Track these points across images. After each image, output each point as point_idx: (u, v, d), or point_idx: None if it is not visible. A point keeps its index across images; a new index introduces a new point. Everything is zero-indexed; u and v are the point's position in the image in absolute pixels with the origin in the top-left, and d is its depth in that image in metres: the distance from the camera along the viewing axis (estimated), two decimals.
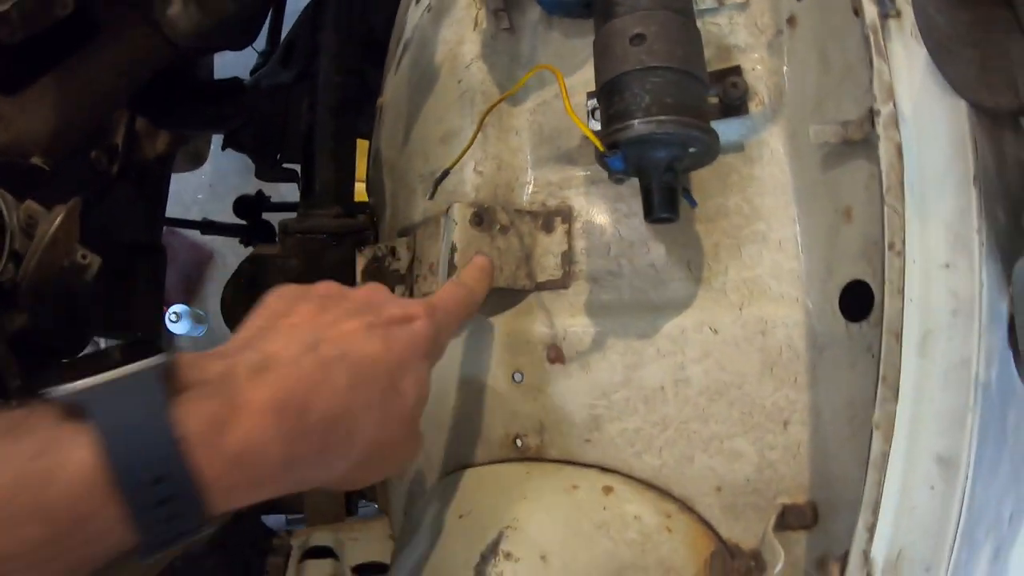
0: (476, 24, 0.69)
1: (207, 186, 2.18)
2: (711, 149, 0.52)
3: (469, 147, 0.62)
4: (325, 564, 0.64)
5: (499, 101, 0.62)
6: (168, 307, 2.11)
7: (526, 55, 0.69)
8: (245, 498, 0.35)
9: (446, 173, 0.63)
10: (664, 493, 0.55)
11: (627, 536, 0.52)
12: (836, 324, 0.51)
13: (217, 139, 0.99)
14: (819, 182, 0.53)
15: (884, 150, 0.41)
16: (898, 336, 0.43)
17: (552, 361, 0.60)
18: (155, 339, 0.83)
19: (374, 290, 0.46)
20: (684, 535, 0.53)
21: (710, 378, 0.55)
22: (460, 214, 0.61)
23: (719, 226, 0.57)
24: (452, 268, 0.60)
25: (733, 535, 0.54)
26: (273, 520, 0.75)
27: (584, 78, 0.64)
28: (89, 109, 0.66)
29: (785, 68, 0.57)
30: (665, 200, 0.52)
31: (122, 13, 0.65)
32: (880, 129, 0.42)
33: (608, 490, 0.55)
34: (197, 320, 2.18)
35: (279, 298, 0.44)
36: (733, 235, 0.57)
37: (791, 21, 0.56)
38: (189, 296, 2.20)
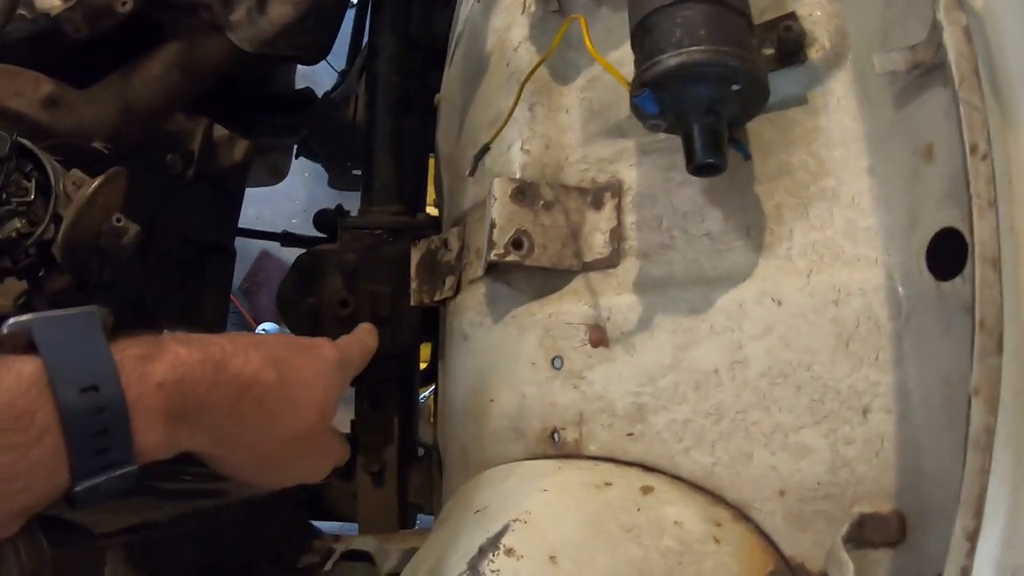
0: (524, 8, 0.67)
1: (301, 211, 2.25)
2: (759, 87, 0.47)
3: (508, 119, 0.60)
4: (359, 568, 0.60)
5: (537, 65, 0.60)
6: (259, 324, 2.21)
7: (576, 35, 0.66)
8: (166, 434, 0.38)
9: (486, 148, 0.61)
10: (716, 497, 0.47)
11: (662, 544, 0.44)
12: (924, 284, 0.42)
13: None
14: (893, 122, 0.46)
15: (950, 36, 0.34)
16: (995, 264, 0.34)
17: (594, 344, 0.54)
18: None
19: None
20: (736, 548, 0.45)
21: (772, 358, 0.47)
22: (501, 189, 0.58)
23: (782, 185, 0.51)
24: (492, 245, 0.56)
25: (798, 551, 0.45)
26: (329, 528, 0.72)
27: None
28: (151, 105, 0.70)
29: (845, 10, 0.51)
30: (708, 143, 0.46)
31: (189, 17, 0.70)
32: (942, 15, 0.34)
33: (647, 490, 0.47)
34: None
35: None
36: (798, 194, 0.50)
37: None
38: (280, 318, 2.28)
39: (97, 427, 0.35)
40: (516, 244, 0.57)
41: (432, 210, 0.87)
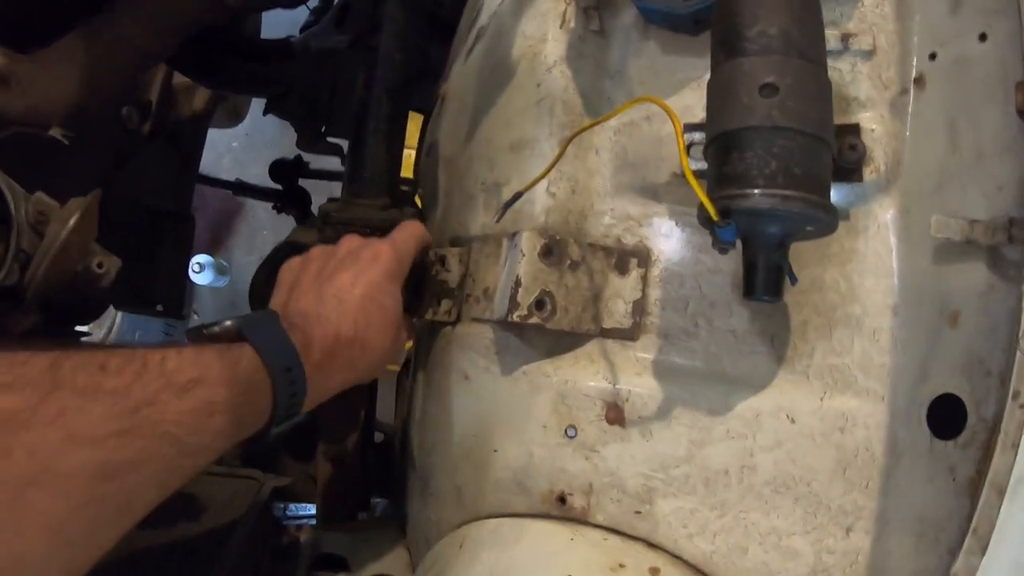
0: (563, 21, 0.63)
1: (243, 134, 2.12)
2: (830, 228, 0.48)
3: (547, 173, 0.57)
4: None
5: (589, 127, 0.57)
6: (191, 257, 2.05)
7: (615, 65, 0.63)
8: (324, 383, 0.57)
9: (518, 196, 0.58)
10: None
11: None
12: (920, 435, 0.48)
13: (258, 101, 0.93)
14: (927, 274, 0.50)
15: None
16: (1001, 492, 0.40)
17: (611, 422, 0.57)
18: (177, 314, 0.79)
19: (350, 240, 0.67)
20: None
21: (779, 469, 0.53)
22: (529, 244, 0.57)
23: (811, 301, 0.54)
24: (515, 305, 0.56)
25: None
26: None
27: (681, 104, 0.59)
28: (119, 72, 0.59)
29: (907, 134, 0.52)
30: (770, 281, 0.48)
31: None
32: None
33: (655, 572, 0.53)
34: (220, 271, 2.15)
35: (289, 271, 0.66)
36: (825, 314, 0.54)
37: (919, 82, 0.52)
38: (215, 247, 2.15)
39: (291, 392, 0.52)
40: (539, 305, 0.57)
41: (409, 155, 0.82)
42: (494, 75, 0.67)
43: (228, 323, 0.52)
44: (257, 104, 1.02)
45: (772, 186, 0.44)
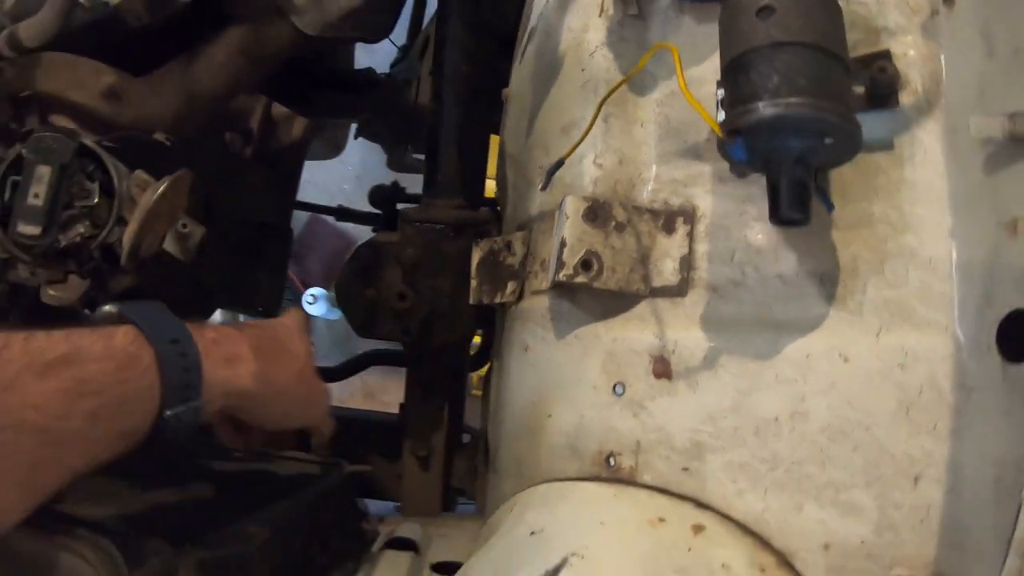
0: (602, 10, 0.68)
1: (353, 177, 2.35)
2: (852, 141, 0.48)
3: (585, 135, 0.61)
4: (403, 558, 0.65)
5: (619, 85, 0.61)
6: (306, 289, 2.28)
7: (654, 43, 0.67)
8: (223, 375, 0.52)
9: (560, 163, 0.63)
10: (763, 542, 0.51)
11: None
12: (991, 363, 0.45)
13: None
14: (980, 187, 0.48)
15: None
16: None
17: (658, 375, 0.57)
18: (275, 315, 0.90)
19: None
20: None
21: (833, 414, 0.51)
22: (573, 207, 0.60)
23: (860, 236, 0.53)
24: (561, 265, 0.59)
25: None
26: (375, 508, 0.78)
27: (715, 66, 0.61)
28: (214, 92, 0.72)
29: (942, 54, 0.52)
30: (794, 197, 0.48)
31: (252, 1, 0.71)
32: None
33: (698, 529, 0.52)
34: (332, 304, 2.33)
35: None
36: (876, 248, 0.52)
37: (948, 1, 0.51)
38: (328, 281, 2.36)
39: (181, 366, 0.48)
40: (585, 265, 0.59)
41: (491, 184, 0.89)
42: (545, 70, 0.73)
43: (110, 308, 0.49)
44: (365, 147, 1.15)
45: (776, 97, 0.46)
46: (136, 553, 0.46)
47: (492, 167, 0.89)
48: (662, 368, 0.57)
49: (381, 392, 2.17)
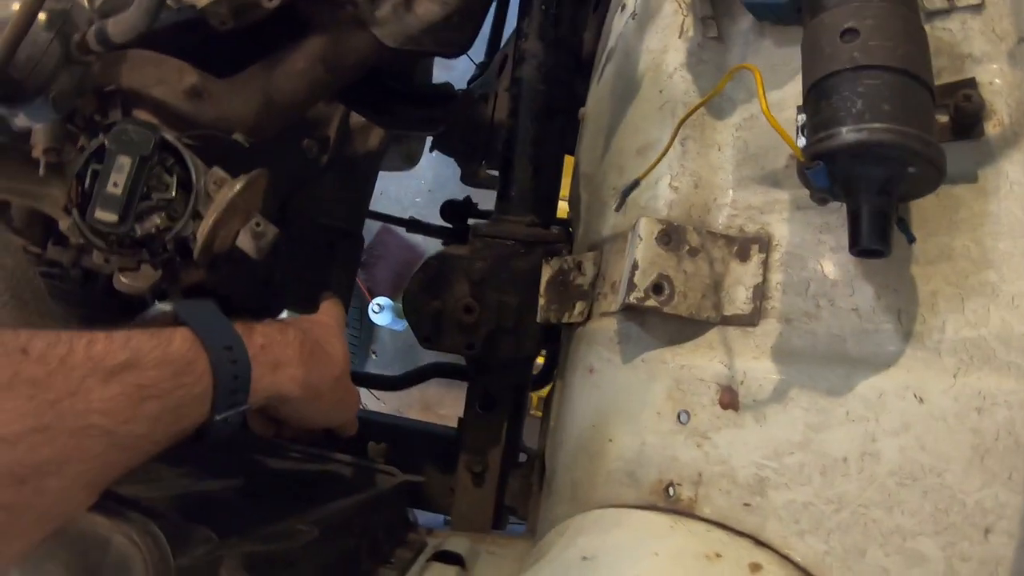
0: (682, 32, 0.68)
1: (426, 191, 2.40)
2: (936, 171, 0.46)
3: (662, 157, 0.61)
4: (449, 572, 0.65)
5: (697, 107, 0.61)
6: (373, 298, 2.32)
7: (735, 63, 0.66)
8: (269, 380, 0.54)
9: (636, 184, 0.63)
10: None
11: None
12: None
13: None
14: None
15: None
16: None
17: (724, 406, 0.56)
18: None
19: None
20: None
21: (905, 457, 0.49)
22: (647, 229, 0.60)
23: (940, 271, 0.51)
24: (632, 287, 0.58)
25: None
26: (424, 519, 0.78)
27: (796, 91, 0.60)
28: (293, 98, 0.74)
29: None
30: (875, 227, 0.47)
31: (333, 11, 0.73)
32: None
33: (755, 568, 0.50)
34: (398, 315, 2.36)
35: None
36: (956, 283, 0.50)
37: None
38: (396, 292, 2.40)
39: (232, 373, 0.50)
40: (656, 289, 0.59)
41: (564, 204, 0.89)
42: (623, 90, 0.73)
43: (164, 307, 0.51)
44: (440, 162, 1.17)
45: (859, 122, 0.45)
46: (183, 540, 0.47)
47: (565, 188, 0.89)
48: (729, 399, 0.56)
49: (438, 405, 2.19)
